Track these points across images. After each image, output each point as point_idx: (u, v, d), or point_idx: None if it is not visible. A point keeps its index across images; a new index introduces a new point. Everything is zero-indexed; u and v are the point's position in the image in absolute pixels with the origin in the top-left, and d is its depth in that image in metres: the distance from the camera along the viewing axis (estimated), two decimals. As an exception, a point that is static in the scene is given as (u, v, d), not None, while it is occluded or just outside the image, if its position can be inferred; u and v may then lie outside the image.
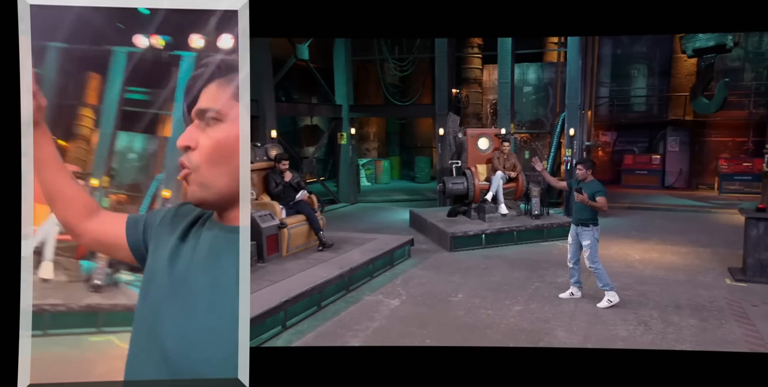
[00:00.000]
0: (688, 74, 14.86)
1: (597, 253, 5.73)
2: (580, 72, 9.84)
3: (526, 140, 11.61)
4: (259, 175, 7.71)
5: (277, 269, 6.62)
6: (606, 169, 15.43)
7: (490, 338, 4.96)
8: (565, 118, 10.29)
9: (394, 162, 16.80)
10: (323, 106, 13.20)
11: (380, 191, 14.62)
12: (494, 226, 8.25)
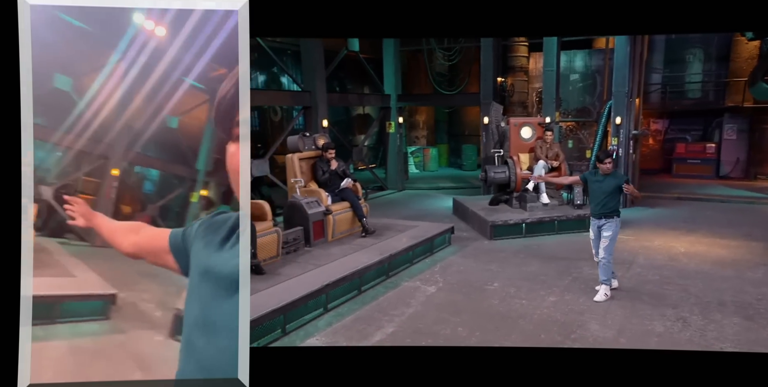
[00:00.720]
0: (749, 58, 13.76)
1: (614, 245, 5.53)
2: (629, 58, 9.32)
3: (571, 129, 11.18)
4: (307, 163, 7.79)
5: (322, 254, 6.69)
6: (656, 158, 14.68)
7: (521, 328, 4.85)
8: (611, 106, 9.84)
9: (442, 150, 16.61)
10: (372, 96, 13.15)
11: (427, 178, 14.51)
12: (535, 216, 8.03)
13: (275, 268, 6.10)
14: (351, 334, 4.97)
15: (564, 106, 11.15)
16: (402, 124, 13.08)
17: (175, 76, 2.55)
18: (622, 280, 5.79)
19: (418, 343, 4.68)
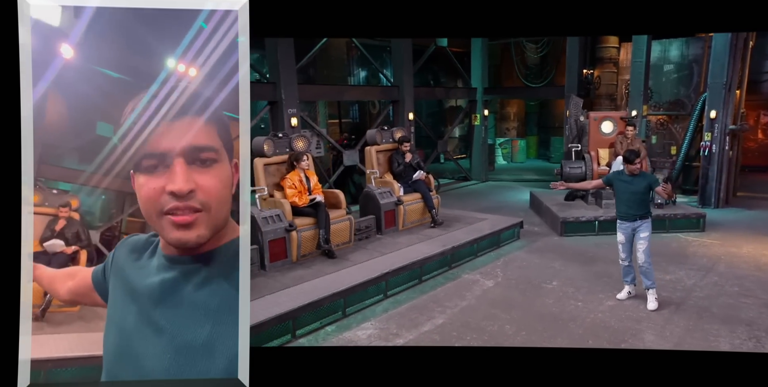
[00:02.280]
0: None
1: (650, 247, 4.90)
2: (728, 47, 8.08)
3: (662, 122, 10.00)
4: (384, 155, 7.70)
5: (390, 242, 6.61)
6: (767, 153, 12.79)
7: (570, 332, 4.43)
8: (705, 98, 8.63)
9: (531, 141, 15.75)
10: (459, 90, 12.72)
11: (513, 170, 13.86)
12: (609, 213, 7.28)
13: (346, 254, 6.13)
14: (403, 322, 4.85)
15: (655, 99, 9.98)
16: (488, 117, 12.54)
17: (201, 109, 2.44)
18: (694, 288, 5.09)
19: (463, 337, 4.46)
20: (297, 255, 5.94)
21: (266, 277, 5.48)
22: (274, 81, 8.74)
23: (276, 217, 5.88)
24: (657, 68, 9.90)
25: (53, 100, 2.52)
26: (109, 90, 2.33)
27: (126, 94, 2.31)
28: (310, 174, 6.41)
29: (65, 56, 2.36)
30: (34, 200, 3.24)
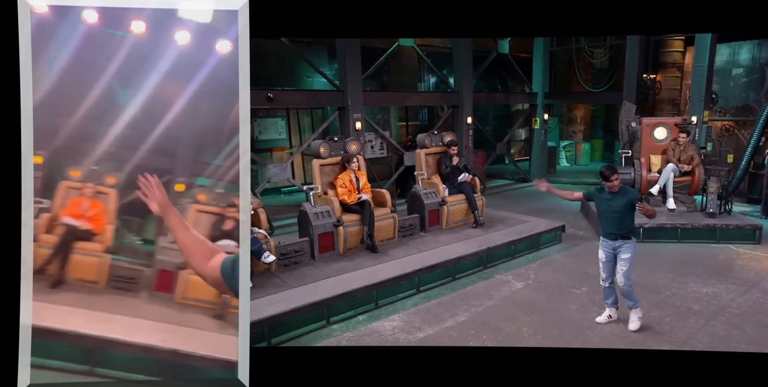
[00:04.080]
0: None
1: (632, 268, 4.29)
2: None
3: (728, 128, 8.90)
4: (434, 158, 7.60)
5: (431, 240, 6.54)
6: None
7: (586, 339, 4.14)
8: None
9: (596, 145, 14.73)
10: (519, 94, 12.19)
11: (574, 173, 13.05)
12: (655, 221, 6.66)
13: (388, 249, 6.15)
14: (428, 317, 4.80)
15: (721, 104, 8.92)
16: (548, 120, 11.92)
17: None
18: (731, 304, 4.53)
19: (479, 336, 4.32)
20: (343, 248, 6.05)
21: (313, 267, 5.64)
22: (342, 89, 8.92)
23: (326, 213, 6.02)
24: (724, 72, 8.84)
25: (204, 99, 2.59)
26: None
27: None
28: (360, 174, 6.48)
29: (220, 52, 2.36)
30: (200, 198, 3.48)
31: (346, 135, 8.53)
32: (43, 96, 2.54)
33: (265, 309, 4.54)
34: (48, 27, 2.37)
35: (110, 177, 3.78)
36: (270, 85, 10.76)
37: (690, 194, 7.05)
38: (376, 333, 4.52)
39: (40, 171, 3.23)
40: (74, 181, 3.66)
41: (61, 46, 2.45)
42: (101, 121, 2.76)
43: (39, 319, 2.86)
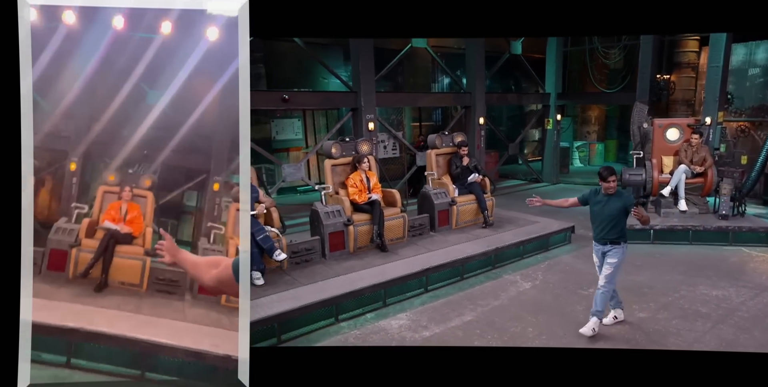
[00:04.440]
0: None
1: (618, 274, 4.12)
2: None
3: (744, 129, 8.66)
4: (444, 158, 7.58)
5: (440, 240, 6.52)
6: None
7: (589, 340, 4.07)
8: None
9: (610, 145, 14.48)
10: (531, 95, 12.06)
11: (588, 173, 12.84)
12: (666, 223, 6.56)
13: (397, 248, 6.15)
14: (434, 316, 4.79)
15: (737, 104, 8.68)
16: (560, 121, 11.77)
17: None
18: (740, 307, 4.42)
19: (484, 336, 4.30)
20: (354, 247, 6.07)
21: (324, 265, 5.67)
22: (356, 90, 8.94)
23: (336, 213, 6.05)
24: (740, 72, 8.60)
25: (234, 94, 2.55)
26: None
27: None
28: (371, 174, 6.49)
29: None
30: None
31: (360, 135, 8.55)
32: (73, 102, 2.58)
33: (276, 306, 4.58)
34: (76, 35, 2.41)
35: (147, 179, 3.83)
36: (287, 86, 10.84)
37: (702, 196, 6.89)
38: (383, 331, 4.53)
39: (75, 176, 3.30)
40: (111, 185, 3.72)
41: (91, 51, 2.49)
42: (133, 124, 2.80)
43: (88, 322, 2.94)
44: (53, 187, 3.37)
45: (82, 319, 3.08)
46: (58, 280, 3.60)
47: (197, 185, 3.60)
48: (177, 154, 3.04)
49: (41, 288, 3.13)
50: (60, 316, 3.12)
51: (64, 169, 3.06)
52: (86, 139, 2.65)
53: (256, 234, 5.17)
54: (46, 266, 3.58)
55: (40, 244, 3.53)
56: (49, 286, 3.44)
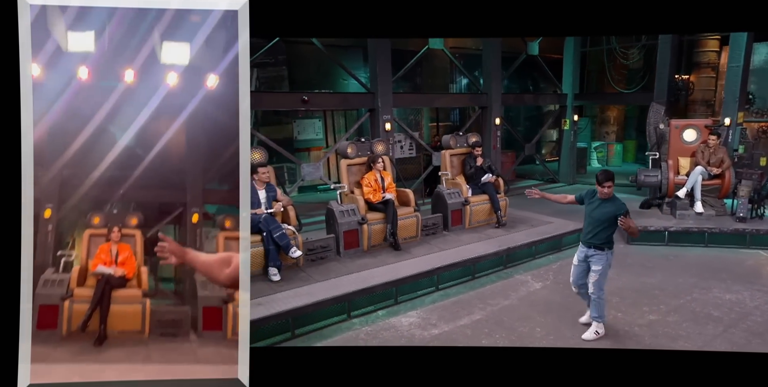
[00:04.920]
0: None
1: (605, 280, 4.00)
2: None
3: (765, 130, 8.34)
4: (458, 158, 7.54)
5: (453, 239, 6.49)
6: None
7: (597, 341, 4.01)
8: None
9: (629, 146, 14.12)
10: (549, 95, 11.86)
11: (605, 173, 12.59)
12: (681, 225, 6.37)
13: (410, 247, 6.15)
14: (444, 314, 4.79)
15: (758, 105, 8.37)
16: (578, 121, 11.55)
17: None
18: (754, 311, 4.27)
19: (492, 335, 4.28)
20: (367, 245, 6.10)
21: (338, 263, 5.72)
22: (373, 91, 8.97)
23: (351, 211, 6.09)
24: (763, 72, 8.31)
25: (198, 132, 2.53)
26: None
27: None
28: (386, 174, 6.51)
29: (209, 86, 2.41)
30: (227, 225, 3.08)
31: (377, 135, 8.57)
32: (38, 147, 2.42)
33: (291, 301, 4.65)
34: (38, 85, 2.37)
35: (133, 218, 3.54)
36: (309, 88, 10.94)
37: (720, 198, 6.68)
38: (393, 328, 4.55)
39: (51, 223, 2.96)
40: (97, 228, 3.38)
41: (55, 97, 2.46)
42: (101, 163, 2.72)
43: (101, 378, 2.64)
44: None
45: (91, 377, 2.76)
46: (50, 340, 3.12)
47: (175, 219, 3.44)
48: (150, 191, 2.99)
49: (33, 351, 2.68)
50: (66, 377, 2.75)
51: (38, 217, 2.73)
52: (57, 184, 2.57)
53: (273, 231, 5.25)
54: (36, 325, 2.97)
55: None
56: (42, 347, 2.90)
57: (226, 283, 2.32)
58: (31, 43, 2.14)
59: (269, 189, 5.62)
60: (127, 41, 2.40)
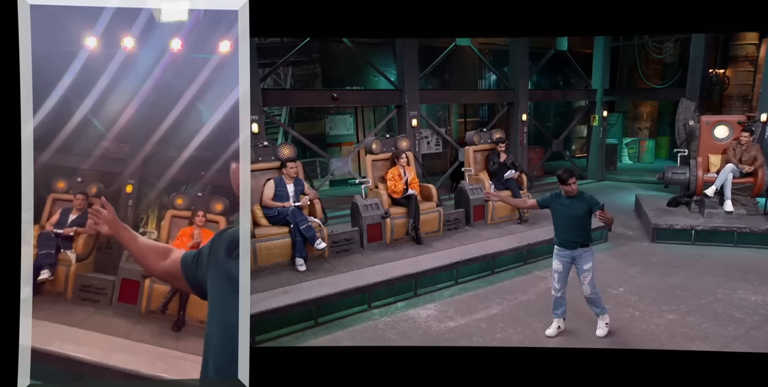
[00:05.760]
0: None
1: (594, 277, 3.87)
2: None
3: None
4: (482, 154, 7.45)
5: (474, 234, 6.44)
6: None
7: (611, 339, 3.92)
8: None
9: (662, 142, 13.53)
10: (577, 91, 11.48)
11: (636, 171, 12.12)
12: (709, 224, 6.08)
13: (432, 241, 6.15)
14: (461, 308, 4.78)
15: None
16: (607, 117, 11.16)
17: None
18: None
19: (506, 330, 4.24)
20: (390, 238, 6.13)
21: (361, 255, 5.78)
22: (400, 88, 8.95)
23: (375, 206, 6.13)
24: (805, 66, 7.75)
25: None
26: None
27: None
28: (409, 170, 6.51)
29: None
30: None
31: (404, 131, 8.56)
32: (127, 123, 2.46)
33: (315, 290, 4.75)
34: (132, 58, 2.35)
35: (218, 203, 3.39)
36: (340, 85, 11.03)
37: (752, 196, 6.33)
38: (411, 320, 4.57)
39: (131, 199, 2.87)
40: (180, 209, 3.25)
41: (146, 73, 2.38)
42: (185, 144, 2.60)
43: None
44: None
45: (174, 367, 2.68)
46: (130, 314, 3.18)
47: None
48: (223, 174, 2.91)
49: (113, 322, 2.86)
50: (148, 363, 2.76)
51: (120, 191, 2.83)
52: (141, 161, 2.49)
53: (300, 224, 5.36)
54: (117, 298, 3.20)
55: (111, 273, 3.29)
56: (123, 320, 3.08)
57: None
58: (124, 16, 2.08)
59: (297, 183, 5.72)
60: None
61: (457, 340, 4.08)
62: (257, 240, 5.30)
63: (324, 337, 4.27)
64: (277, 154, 5.81)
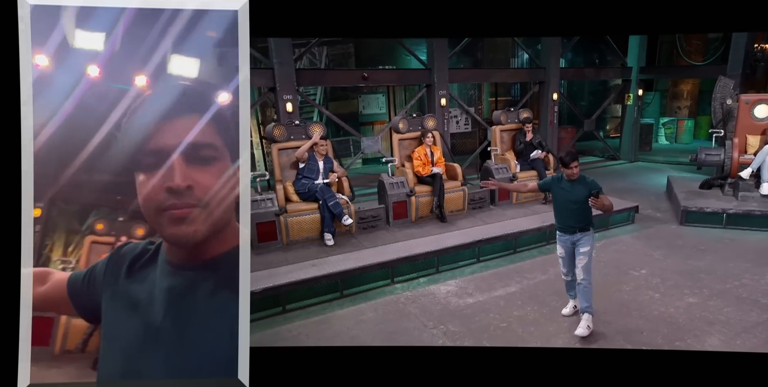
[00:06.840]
0: None
1: (591, 262, 3.64)
2: None
3: None
4: (509, 134, 7.27)
5: (499, 214, 6.37)
6: None
7: (628, 320, 3.83)
8: None
9: (702, 121, 12.69)
10: (610, 69, 10.86)
11: (671, 152, 11.49)
12: (742, 207, 5.74)
13: (456, 220, 6.13)
14: (481, 285, 4.79)
15: None
16: (642, 96, 10.55)
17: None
18: None
19: (524, 307, 4.22)
20: (415, 216, 6.15)
21: (387, 232, 5.84)
22: (430, 67, 8.77)
23: (400, 184, 6.14)
24: None
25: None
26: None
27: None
28: (435, 149, 6.45)
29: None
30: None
31: (432, 111, 8.42)
32: (43, 144, 2.07)
33: (341, 264, 4.87)
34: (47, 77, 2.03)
35: (139, 228, 2.41)
36: (373, 64, 10.89)
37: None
38: (432, 295, 4.63)
39: (39, 224, 2.25)
40: (100, 235, 2.73)
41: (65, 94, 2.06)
42: (102, 168, 2.15)
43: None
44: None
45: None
46: (43, 356, 2.50)
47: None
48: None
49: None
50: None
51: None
52: (54, 184, 2.13)
53: (328, 200, 5.47)
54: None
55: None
56: (34, 367, 2.33)
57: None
58: (32, 36, 1.90)
59: (327, 161, 5.79)
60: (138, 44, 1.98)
61: (474, 316, 4.11)
62: (288, 215, 5.45)
63: (349, 308, 4.39)
64: (308, 132, 5.88)
